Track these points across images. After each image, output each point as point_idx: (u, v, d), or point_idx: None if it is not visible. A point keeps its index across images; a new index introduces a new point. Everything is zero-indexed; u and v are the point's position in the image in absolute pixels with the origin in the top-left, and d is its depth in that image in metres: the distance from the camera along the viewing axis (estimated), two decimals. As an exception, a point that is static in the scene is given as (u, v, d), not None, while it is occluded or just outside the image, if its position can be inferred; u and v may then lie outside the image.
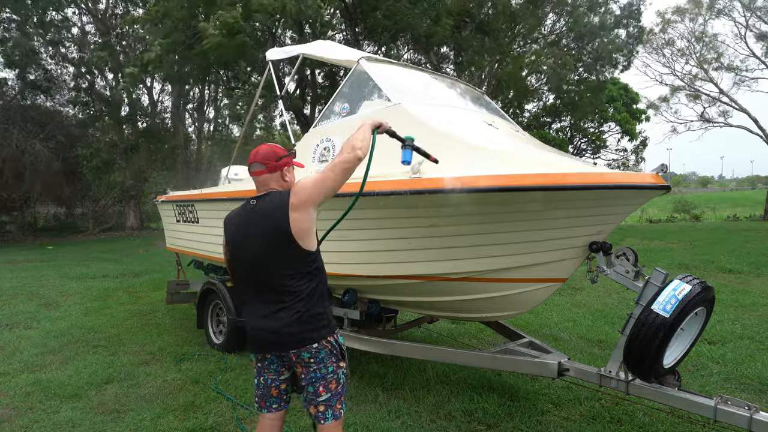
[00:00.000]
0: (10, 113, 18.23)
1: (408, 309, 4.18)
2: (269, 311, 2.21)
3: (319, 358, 2.21)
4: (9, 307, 7.19)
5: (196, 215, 5.64)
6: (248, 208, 2.32)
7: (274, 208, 2.20)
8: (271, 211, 2.21)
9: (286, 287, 2.18)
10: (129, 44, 20.95)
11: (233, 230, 2.35)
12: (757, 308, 6.54)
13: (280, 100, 6.76)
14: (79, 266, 11.37)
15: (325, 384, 2.22)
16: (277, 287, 2.20)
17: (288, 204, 2.16)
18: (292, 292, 2.18)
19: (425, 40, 16.05)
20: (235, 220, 2.38)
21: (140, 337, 5.63)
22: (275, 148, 2.37)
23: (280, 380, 2.33)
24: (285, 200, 2.18)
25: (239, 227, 2.32)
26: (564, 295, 7.45)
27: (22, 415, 3.64)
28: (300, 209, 2.15)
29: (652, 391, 2.82)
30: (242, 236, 2.29)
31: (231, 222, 2.39)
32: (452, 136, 3.35)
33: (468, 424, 3.47)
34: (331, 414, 2.22)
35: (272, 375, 2.32)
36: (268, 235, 2.19)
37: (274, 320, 2.19)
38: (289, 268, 2.18)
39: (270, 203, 2.23)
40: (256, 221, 2.25)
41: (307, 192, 2.17)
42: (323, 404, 2.22)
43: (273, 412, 2.35)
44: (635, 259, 2.92)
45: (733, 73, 22.49)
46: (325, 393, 2.22)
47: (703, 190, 72.28)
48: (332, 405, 2.23)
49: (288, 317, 2.18)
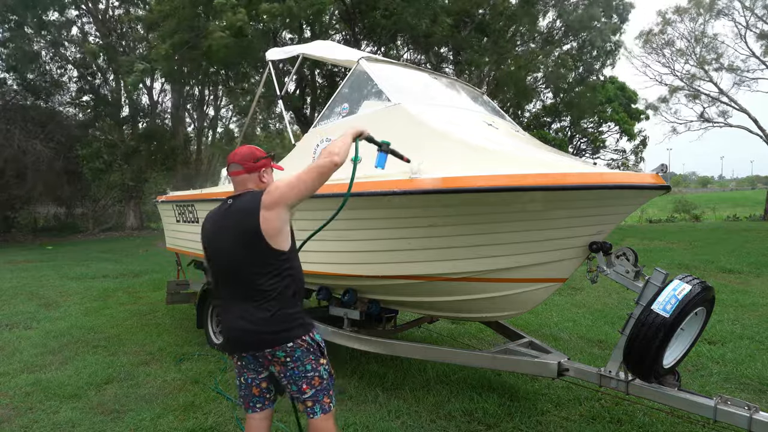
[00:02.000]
0: (10, 114, 18.23)
1: (408, 309, 4.18)
2: (242, 310, 2.23)
3: (295, 357, 2.23)
4: (9, 307, 7.19)
5: (196, 215, 5.64)
6: (224, 207, 2.36)
7: (247, 206, 2.23)
8: (244, 209, 2.24)
9: (258, 286, 2.20)
10: (129, 44, 20.95)
11: (209, 228, 2.40)
12: (757, 308, 6.54)
13: (280, 100, 6.75)
14: (79, 266, 11.36)
15: (307, 381, 2.24)
16: (249, 286, 2.22)
17: (260, 202, 2.19)
18: (263, 291, 2.20)
19: (424, 40, 16.06)
20: (211, 219, 2.42)
21: (140, 337, 5.63)
22: (254, 149, 2.41)
23: (259, 378, 2.35)
24: (258, 198, 2.21)
25: (215, 225, 2.37)
26: (564, 295, 7.45)
27: (22, 415, 3.64)
28: (271, 208, 2.17)
29: (652, 391, 2.82)
30: (217, 234, 2.33)
31: (208, 221, 2.44)
32: (452, 136, 3.34)
33: (468, 424, 3.47)
34: (320, 408, 2.25)
35: (251, 374, 2.35)
36: (241, 233, 2.22)
37: (247, 319, 2.22)
38: (260, 266, 2.20)
39: (244, 202, 2.27)
40: (231, 219, 2.28)
41: (280, 192, 2.19)
42: (310, 400, 2.25)
43: (258, 411, 2.38)
44: (635, 259, 2.92)
45: (733, 73, 22.50)
46: (309, 389, 2.25)
47: (703, 190, 72.31)
48: (319, 400, 2.26)
49: (260, 316, 2.19)
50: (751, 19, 21.10)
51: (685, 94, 23.88)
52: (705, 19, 22.23)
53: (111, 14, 21.31)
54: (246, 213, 2.22)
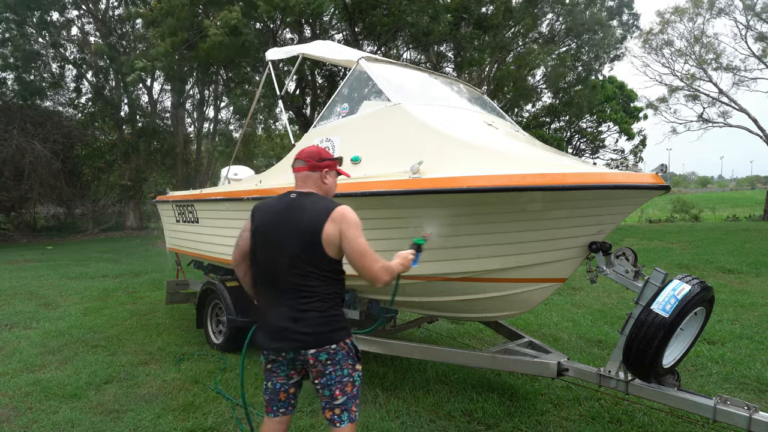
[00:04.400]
0: (10, 114, 18.21)
1: (408, 309, 4.18)
2: (290, 309, 2.20)
3: (336, 360, 2.21)
4: (8, 307, 7.18)
5: (196, 215, 5.64)
6: (285, 200, 2.33)
7: (318, 208, 2.24)
8: (314, 209, 2.24)
9: (308, 283, 2.19)
10: (129, 44, 20.94)
11: (264, 217, 2.34)
12: (756, 308, 6.54)
13: (280, 100, 6.76)
14: (79, 266, 11.36)
15: (341, 387, 2.22)
16: (299, 283, 2.20)
17: (332, 212, 2.20)
18: (313, 290, 2.19)
19: (424, 38, 16.06)
20: (267, 208, 2.37)
21: (140, 337, 5.63)
22: (321, 150, 2.44)
23: (289, 384, 2.31)
24: (331, 208, 2.22)
25: (273, 215, 2.31)
26: (564, 295, 7.45)
27: (22, 415, 3.63)
28: (336, 226, 2.18)
29: (652, 391, 2.82)
30: (276, 225, 2.28)
31: (260, 210, 2.39)
32: (452, 136, 3.34)
33: (467, 424, 3.47)
34: (347, 417, 2.23)
35: (281, 379, 2.30)
36: (305, 231, 2.20)
37: (294, 318, 2.19)
38: (314, 266, 2.20)
39: (314, 203, 2.27)
40: (296, 214, 2.26)
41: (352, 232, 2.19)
42: (339, 407, 2.22)
43: (280, 416, 2.34)
44: (635, 259, 2.92)
45: (732, 72, 22.52)
46: (342, 396, 2.22)
47: (703, 191, 72.40)
48: (348, 408, 2.23)
49: (310, 316, 2.18)
50: (752, 20, 21.12)
51: (685, 95, 23.93)
52: (705, 18, 22.27)
53: (111, 14, 21.31)
54: (317, 212, 2.22)
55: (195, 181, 22.47)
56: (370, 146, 3.68)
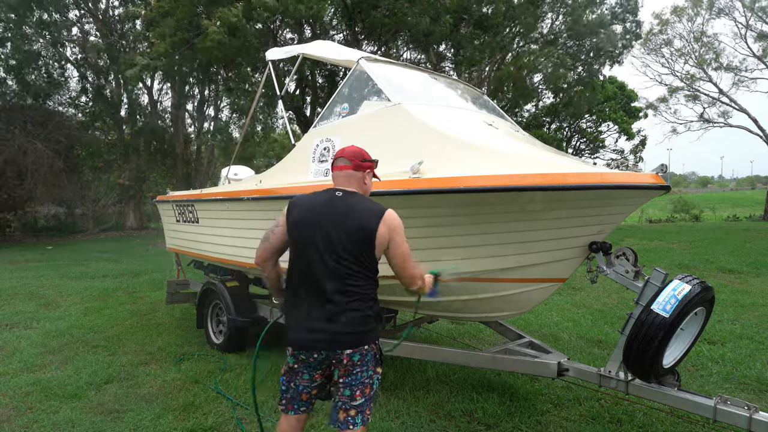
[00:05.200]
0: (11, 114, 18.21)
1: (408, 309, 4.18)
2: (327, 312, 2.18)
3: (365, 361, 2.22)
4: (9, 307, 7.19)
5: (196, 215, 5.64)
6: (329, 196, 2.30)
7: (371, 207, 2.25)
8: (366, 208, 2.25)
9: (349, 284, 2.18)
10: (129, 44, 20.94)
11: (304, 213, 2.28)
12: (756, 308, 6.54)
13: (280, 100, 6.75)
14: (79, 266, 11.36)
15: (362, 389, 2.22)
16: (341, 280, 2.18)
17: (382, 214, 2.22)
18: (354, 288, 2.19)
19: (424, 39, 16.05)
20: (308, 204, 2.32)
21: (140, 337, 5.63)
22: (362, 150, 2.43)
23: (312, 386, 2.31)
24: (380, 209, 2.24)
25: (317, 212, 2.26)
26: (564, 295, 7.45)
27: (22, 415, 3.64)
28: (386, 227, 2.22)
29: (652, 391, 2.82)
30: (319, 220, 2.24)
31: (300, 206, 2.33)
32: (452, 136, 3.34)
33: (467, 424, 3.47)
34: (361, 419, 2.22)
35: (305, 381, 2.29)
36: (356, 228, 2.20)
37: (333, 320, 2.17)
38: (360, 264, 2.20)
39: (360, 203, 2.27)
40: (341, 210, 2.24)
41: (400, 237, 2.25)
42: (355, 408, 2.21)
43: (299, 413, 2.33)
44: (635, 259, 2.92)
45: (731, 72, 22.52)
46: (360, 397, 2.22)
47: (703, 191, 72.42)
48: (363, 410, 2.23)
49: (349, 316, 2.17)
50: (752, 19, 21.12)
51: (685, 95, 23.94)
52: (705, 18, 22.27)
53: (111, 14, 21.32)
54: (368, 213, 2.22)
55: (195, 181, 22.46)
56: (370, 146, 3.63)
